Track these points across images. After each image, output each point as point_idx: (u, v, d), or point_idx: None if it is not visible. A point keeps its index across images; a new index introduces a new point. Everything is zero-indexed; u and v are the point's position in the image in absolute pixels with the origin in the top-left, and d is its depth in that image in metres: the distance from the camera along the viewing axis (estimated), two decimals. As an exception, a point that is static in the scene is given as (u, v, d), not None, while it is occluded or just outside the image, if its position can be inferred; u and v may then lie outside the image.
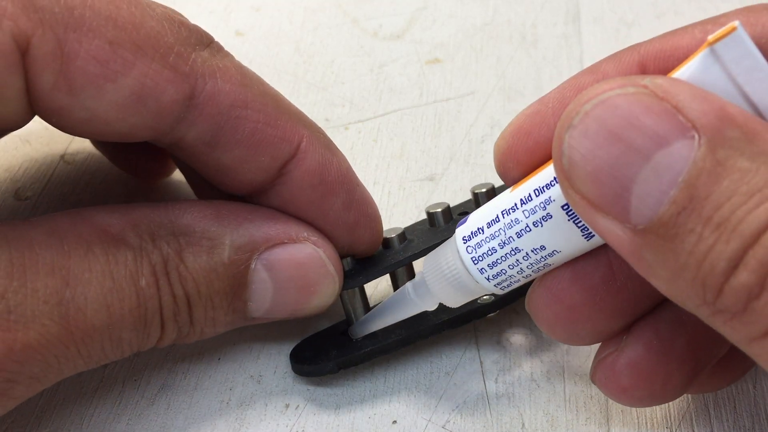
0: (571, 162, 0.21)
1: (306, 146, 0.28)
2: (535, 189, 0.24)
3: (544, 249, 0.24)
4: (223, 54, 0.27)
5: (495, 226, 0.25)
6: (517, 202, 0.24)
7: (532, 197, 0.24)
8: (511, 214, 0.24)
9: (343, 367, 0.30)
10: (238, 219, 0.28)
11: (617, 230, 0.20)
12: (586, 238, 0.24)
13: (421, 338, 0.30)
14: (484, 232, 0.25)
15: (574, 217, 0.23)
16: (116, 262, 0.25)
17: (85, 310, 0.25)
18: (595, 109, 0.20)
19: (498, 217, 0.25)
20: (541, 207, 0.24)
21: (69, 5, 0.24)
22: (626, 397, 0.26)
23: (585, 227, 0.23)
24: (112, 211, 0.27)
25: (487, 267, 0.25)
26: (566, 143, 0.21)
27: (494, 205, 0.25)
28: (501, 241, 0.25)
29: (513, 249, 0.25)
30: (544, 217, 0.24)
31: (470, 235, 0.26)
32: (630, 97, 0.20)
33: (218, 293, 0.27)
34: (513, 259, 0.25)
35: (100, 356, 0.26)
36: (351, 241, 0.29)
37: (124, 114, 0.25)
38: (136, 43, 0.25)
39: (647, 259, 0.20)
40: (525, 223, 0.24)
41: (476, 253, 0.26)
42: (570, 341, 0.26)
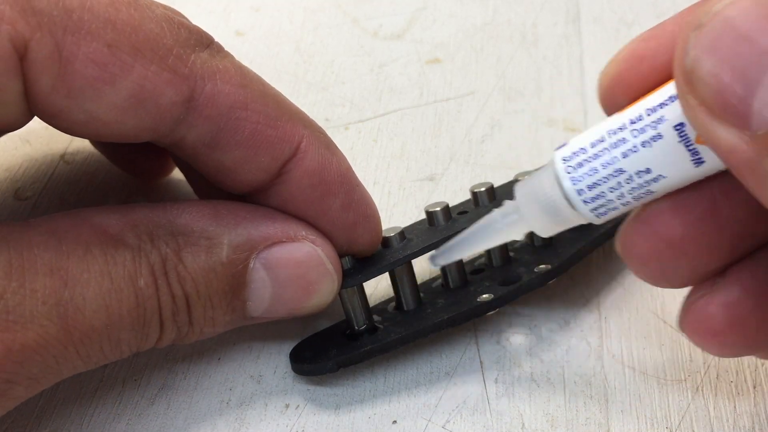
0: (695, 62, 0.20)
1: (306, 146, 0.28)
2: (647, 109, 0.23)
3: (649, 172, 0.23)
4: (223, 55, 0.27)
5: (599, 145, 0.24)
6: (625, 122, 0.23)
7: (643, 116, 0.23)
8: (618, 133, 0.23)
9: (343, 366, 0.30)
10: (236, 218, 0.28)
11: (735, 139, 0.20)
12: (695, 163, 0.22)
13: (420, 337, 0.30)
14: (587, 151, 0.24)
15: (685, 139, 0.22)
16: (115, 262, 0.25)
17: (83, 310, 0.25)
18: (726, 9, 0.20)
19: (603, 137, 0.23)
20: (652, 126, 0.23)
21: (67, 8, 0.24)
22: (717, 342, 0.25)
23: (695, 151, 0.22)
24: (111, 212, 0.27)
25: (587, 188, 0.24)
26: (692, 42, 0.20)
27: (600, 127, 0.24)
28: (605, 161, 0.23)
29: (617, 170, 0.23)
30: (654, 137, 0.23)
31: (571, 155, 0.24)
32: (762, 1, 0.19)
33: (217, 293, 0.27)
34: (615, 181, 0.23)
35: (99, 357, 0.26)
36: (350, 241, 0.29)
37: (123, 116, 0.25)
38: (135, 45, 0.25)
39: (764, 167, 0.19)
40: (632, 143, 0.23)
41: (576, 173, 0.24)
42: (660, 280, 0.25)
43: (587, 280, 0.33)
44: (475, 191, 0.32)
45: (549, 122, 0.40)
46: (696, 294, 0.25)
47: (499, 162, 0.38)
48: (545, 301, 0.33)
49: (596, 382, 0.30)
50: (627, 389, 0.30)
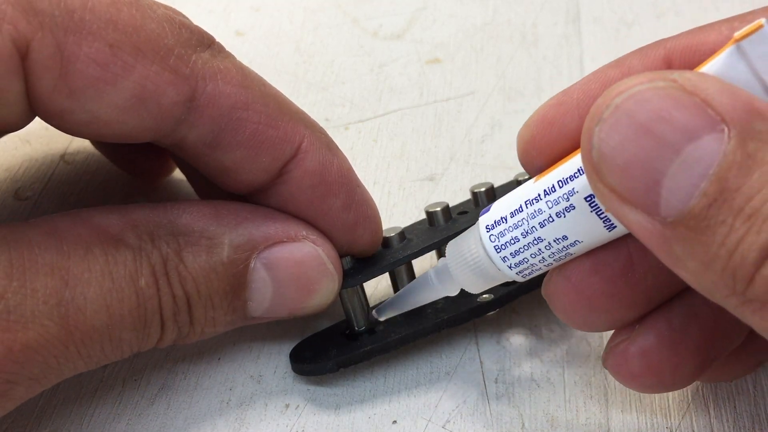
0: (601, 155, 0.21)
1: (307, 146, 0.28)
2: (559, 180, 0.24)
3: (566, 239, 0.25)
4: (224, 55, 0.27)
5: (518, 215, 0.25)
6: (540, 193, 0.25)
7: (556, 188, 0.24)
8: (535, 204, 0.25)
9: (342, 366, 0.30)
10: (237, 218, 0.28)
11: (646, 223, 0.21)
12: (608, 229, 0.24)
13: (420, 337, 0.30)
14: (507, 221, 0.26)
15: (596, 208, 0.23)
16: (116, 262, 0.25)
17: (84, 310, 0.25)
18: (626, 102, 0.20)
19: (521, 207, 0.25)
20: (565, 198, 0.24)
21: (69, 8, 0.24)
22: (636, 383, 0.26)
23: (607, 218, 0.24)
24: (112, 212, 0.27)
25: (510, 255, 0.26)
26: (596, 136, 0.21)
27: (518, 195, 0.26)
28: (524, 230, 0.25)
29: (536, 238, 0.25)
30: (567, 208, 0.24)
31: (493, 224, 0.26)
32: (660, 90, 0.20)
33: (218, 293, 0.27)
34: (535, 248, 0.25)
35: (100, 357, 0.26)
36: (350, 241, 0.29)
37: (124, 116, 0.25)
38: (136, 45, 0.25)
39: (676, 251, 0.20)
40: (548, 214, 0.24)
41: (499, 241, 0.26)
42: (585, 328, 0.27)
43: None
44: (475, 191, 0.32)
45: (549, 122, 0.40)
46: (617, 338, 0.26)
47: (499, 162, 0.38)
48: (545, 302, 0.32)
49: (596, 382, 0.30)
50: (627, 389, 0.30)
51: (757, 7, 0.25)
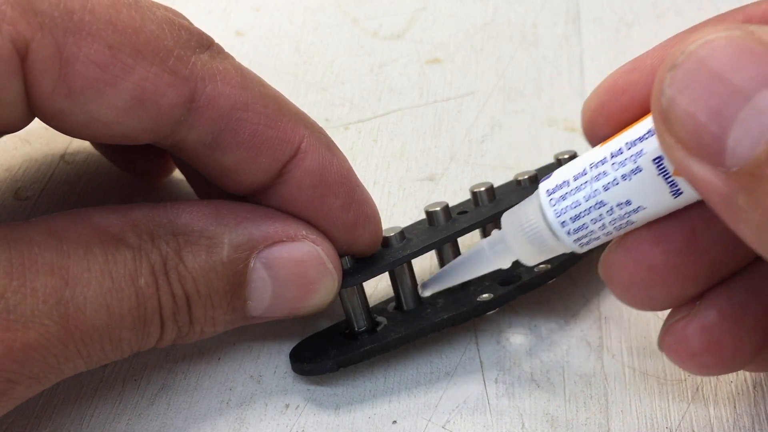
0: (671, 101, 0.20)
1: (306, 147, 0.28)
2: (627, 142, 0.24)
3: (629, 204, 0.24)
4: (224, 56, 0.27)
5: (582, 178, 0.25)
6: (606, 155, 0.24)
7: (623, 150, 0.24)
8: (600, 167, 0.24)
9: (342, 366, 0.30)
10: (236, 218, 0.28)
11: (710, 175, 0.20)
12: (673, 195, 0.23)
13: (420, 336, 0.30)
14: (569, 184, 0.25)
15: (664, 171, 0.23)
16: (115, 261, 0.25)
17: (84, 309, 0.25)
18: (700, 49, 0.20)
19: (585, 170, 0.24)
20: (632, 160, 0.23)
21: (69, 9, 0.24)
22: (695, 363, 0.26)
23: (674, 183, 0.23)
24: (111, 212, 0.27)
25: (570, 220, 0.25)
26: (667, 82, 0.21)
27: (582, 159, 0.25)
28: (587, 194, 0.24)
29: (598, 202, 0.24)
30: (633, 170, 0.23)
31: (555, 188, 0.25)
32: (735, 40, 0.20)
33: (217, 292, 0.27)
34: (597, 213, 0.24)
35: (100, 356, 0.26)
36: (350, 241, 0.29)
37: (123, 118, 0.25)
38: (136, 47, 0.25)
39: (739, 204, 0.20)
40: (613, 176, 0.24)
41: (560, 206, 0.25)
42: (641, 305, 0.26)
43: (587, 280, 0.33)
44: (474, 191, 0.32)
45: (549, 122, 0.40)
46: (675, 316, 0.26)
47: (499, 162, 0.38)
48: (545, 301, 0.33)
49: (596, 382, 0.30)
50: (627, 389, 0.30)
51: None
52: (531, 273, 0.31)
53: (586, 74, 0.42)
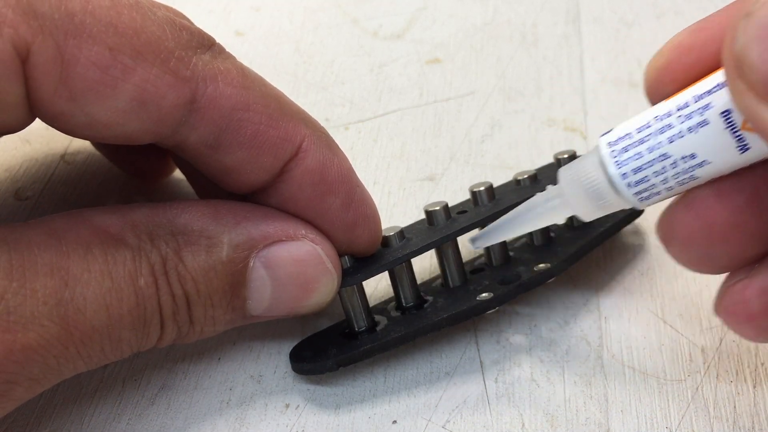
0: (744, 48, 0.20)
1: (307, 146, 0.28)
2: (695, 95, 0.23)
3: (694, 158, 0.24)
4: (225, 56, 0.27)
5: (646, 131, 0.24)
6: (672, 108, 0.24)
7: (690, 103, 0.23)
8: (665, 119, 0.24)
9: (342, 365, 0.30)
10: (236, 217, 0.28)
11: None
12: (740, 150, 0.23)
13: (420, 335, 0.30)
14: (632, 136, 0.24)
15: (731, 125, 0.23)
16: (115, 262, 0.25)
17: (84, 310, 0.25)
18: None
19: (649, 123, 0.24)
20: (699, 113, 0.23)
21: (69, 12, 0.24)
22: (752, 326, 0.25)
23: (741, 137, 0.23)
24: (111, 212, 0.27)
25: (631, 172, 0.24)
26: (741, 29, 0.20)
27: (646, 113, 0.25)
28: (650, 146, 0.24)
29: (662, 155, 0.24)
30: (700, 123, 0.23)
31: (617, 140, 0.25)
32: None
33: (217, 292, 0.27)
34: (660, 165, 0.24)
35: (100, 357, 0.26)
36: (349, 240, 0.29)
37: (125, 119, 0.25)
38: (137, 48, 0.25)
39: None
40: (679, 129, 0.23)
41: (621, 157, 0.25)
42: (700, 265, 0.26)
43: (587, 280, 0.33)
44: (474, 191, 0.32)
45: (549, 122, 0.40)
46: (733, 279, 0.26)
47: (499, 162, 0.38)
48: (545, 301, 0.33)
49: (596, 381, 0.30)
50: (627, 389, 0.30)
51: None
52: (530, 272, 0.31)
53: (586, 74, 0.42)
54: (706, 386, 0.29)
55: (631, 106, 0.40)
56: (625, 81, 0.42)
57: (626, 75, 0.42)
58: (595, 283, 0.33)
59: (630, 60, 0.43)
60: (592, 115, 0.40)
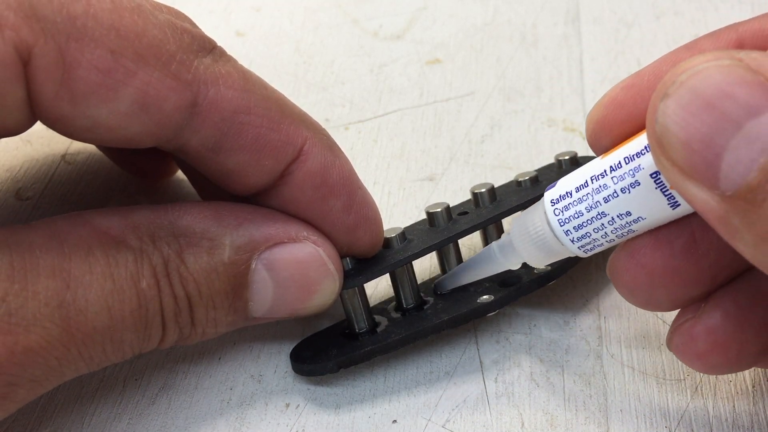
0: (664, 129, 0.21)
1: (309, 148, 0.28)
2: (626, 157, 0.25)
3: (629, 215, 0.25)
4: (226, 59, 0.27)
5: (583, 190, 0.26)
6: (606, 169, 0.25)
7: (622, 164, 0.25)
8: (600, 179, 0.25)
9: (343, 367, 0.30)
10: (237, 219, 0.28)
11: (706, 197, 0.21)
12: (671, 206, 0.24)
13: (420, 338, 0.30)
14: (572, 195, 0.26)
15: (661, 185, 0.24)
16: (117, 264, 0.26)
17: (86, 312, 0.25)
18: (690, 79, 0.21)
19: (587, 182, 0.26)
20: (630, 174, 0.24)
21: (71, 15, 0.24)
22: (701, 363, 0.26)
23: (671, 196, 0.24)
24: (112, 214, 0.27)
25: (573, 229, 0.26)
26: (660, 111, 0.21)
27: (584, 171, 0.26)
28: (588, 205, 0.26)
29: (599, 213, 0.25)
30: (632, 184, 0.24)
31: (558, 198, 0.26)
32: (724, 68, 0.21)
33: (219, 293, 0.27)
34: (599, 223, 0.25)
35: (102, 358, 0.26)
36: (351, 242, 0.29)
37: (126, 122, 0.25)
38: (138, 51, 0.25)
39: (734, 224, 0.21)
40: (613, 189, 0.25)
41: (563, 215, 0.26)
42: (648, 306, 0.27)
43: (587, 280, 0.33)
44: (475, 192, 0.32)
45: (549, 122, 0.40)
46: (682, 318, 0.27)
47: (499, 162, 0.38)
48: (545, 301, 0.33)
49: (595, 381, 0.30)
50: (626, 389, 0.30)
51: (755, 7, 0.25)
52: (531, 275, 0.31)
53: (585, 74, 0.42)
54: (705, 386, 0.30)
55: (631, 106, 0.40)
56: (624, 81, 0.42)
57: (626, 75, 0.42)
58: (595, 283, 0.33)
59: (629, 60, 0.43)
60: (591, 115, 0.40)
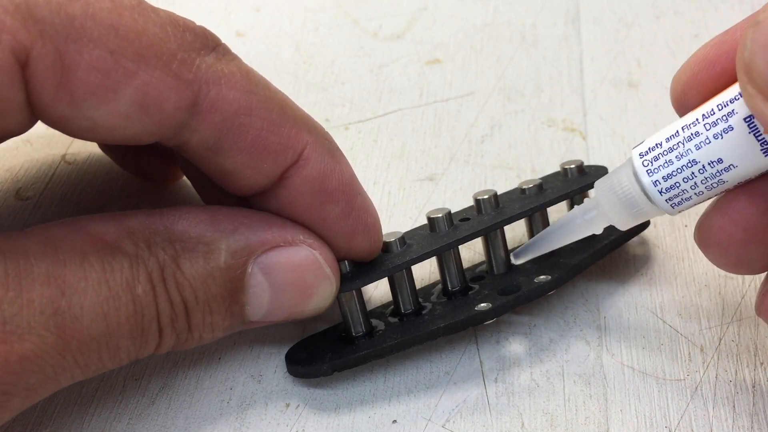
0: (752, 55, 0.22)
1: (309, 153, 0.28)
2: (719, 104, 0.25)
3: (720, 162, 0.25)
4: (230, 57, 0.27)
5: (674, 139, 0.26)
6: (698, 117, 0.25)
7: (715, 111, 0.25)
8: (692, 128, 0.25)
9: (337, 370, 0.30)
10: (233, 223, 0.28)
11: None
12: (764, 153, 0.24)
13: (416, 344, 0.30)
14: (662, 146, 0.26)
15: (755, 130, 0.24)
16: (112, 270, 0.25)
17: (81, 319, 0.24)
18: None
19: (677, 132, 0.26)
20: (723, 119, 0.25)
21: (69, 15, 0.24)
22: None
23: (765, 141, 0.24)
24: (107, 219, 0.26)
25: (662, 179, 0.26)
26: (749, 37, 0.22)
27: (674, 124, 0.26)
28: (678, 153, 0.26)
29: (690, 161, 0.25)
30: (725, 129, 0.24)
31: (647, 150, 0.26)
32: None
33: (215, 298, 0.27)
34: (689, 171, 0.25)
35: (98, 365, 0.26)
36: (348, 247, 0.29)
37: (127, 122, 0.25)
38: (138, 51, 0.25)
39: None
40: (705, 136, 0.25)
41: (652, 166, 0.26)
42: (738, 267, 0.27)
43: (587, 280, 0.33)
44: (478, 198, 0.32)
45: (548, 122, 0.40)
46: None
47: (499, 162, 0.38)
48: (545, 301, 0.33)
49: (595, 381, 0.30)
50: (626, 388, 0.30)
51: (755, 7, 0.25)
52: (530, 284, 0.31)
53: (585, 74, 0.42)
54: (705, 386, 0.30)
55: (630, 106, 0.41)
56: (624, 81, 0.42)
57: (625, 75, 0.42)
58: (595, 283, 0.33)
59: (629, 60, 0.43)
60: (591, 116, 0.40)
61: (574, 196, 0.32)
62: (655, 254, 0.34)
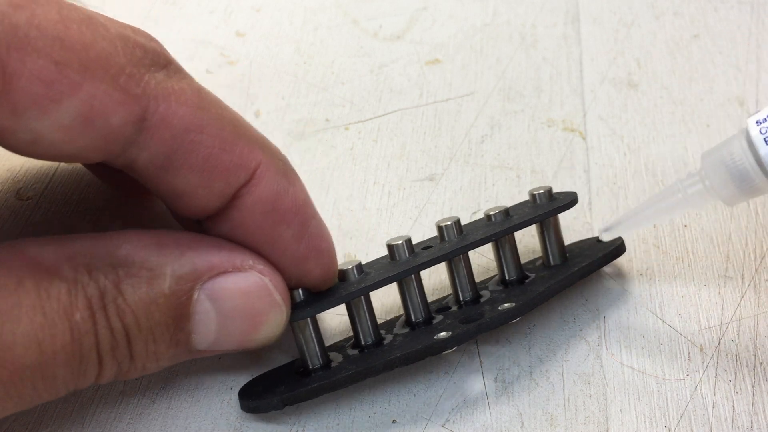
0: None
1: (261, 172, 0.27)
2: None
3: None
4: (181, 75, 0.26)
5: None
6: None
7: None
8: None
9: (288, 404, 0.29)
10: (180, 248, 0.27)
11: None
12: None
13: (372, 374, 0.29)
14: None
15: None
16: (48, 296, 0.24)
17: (13, 347, 0.23)
18: None
19: None
20: None
21: (13, 24, 0.23)
22: None
23: None
24: (48, 243, 0.25)
25: None
26: None
27: None
28: None
29: None
30: None
31: (766, 118, 0.24)
32: None
33: (159, 325, 0.26)
34: None
35: (32, 396, 0.25)
36: (301, 274, 0.28)
37: (70, 136, 0.24)
38: (84, 63, 0.24)
39: None
40: None
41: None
42: None
43: (587, 279, 0.33)
44: (441, 225, 0.31)
45: (548, 122, 0.40)
46: None
47: (499, 162, 0.38)
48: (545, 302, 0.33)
49: (595, 381, 0.30)
50: (626, 388, 0.30)
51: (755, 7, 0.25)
52: (494, 311, 0.30)
53: (585, 75, 0.42)
54: (704, 385, 0.30)
55: (630, 106, 0.41)
56: (624, 81, 0.42)
57: (625, 75, 0.42)
58: (594, 283, 0.33)
59: (629, 60, 0.43)
60: (591, 116, 0.40)
61: (543, 220, 0.32)
62: (654, 254, 0.34)
